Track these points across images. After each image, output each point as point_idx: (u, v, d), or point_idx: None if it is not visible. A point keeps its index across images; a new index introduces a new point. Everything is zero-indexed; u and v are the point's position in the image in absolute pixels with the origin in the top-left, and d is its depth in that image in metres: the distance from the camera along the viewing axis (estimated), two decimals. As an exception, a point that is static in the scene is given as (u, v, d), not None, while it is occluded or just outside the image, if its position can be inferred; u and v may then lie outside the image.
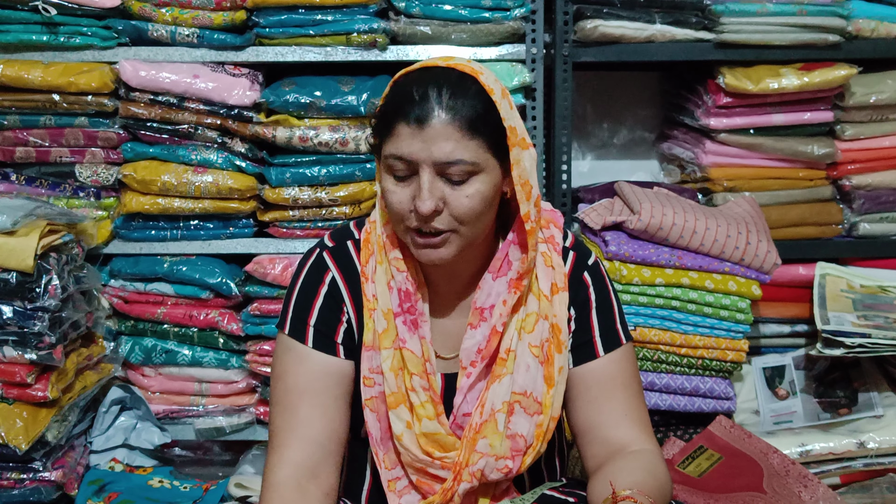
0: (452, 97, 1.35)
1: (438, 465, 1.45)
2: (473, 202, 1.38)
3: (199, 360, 2.52)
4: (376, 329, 1.48)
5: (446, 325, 1.54)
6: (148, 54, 2.46)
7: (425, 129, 1.35)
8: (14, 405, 2.16)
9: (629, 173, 2.95)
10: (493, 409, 1.45)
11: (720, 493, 2.08)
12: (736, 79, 2.51)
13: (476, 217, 1.39)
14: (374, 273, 1.50)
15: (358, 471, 1.58)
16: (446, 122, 1.35)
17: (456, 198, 1.37)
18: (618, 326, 1.56)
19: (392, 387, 1.46)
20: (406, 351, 1.46)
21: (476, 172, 1.37)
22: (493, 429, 1.44)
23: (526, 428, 1.47)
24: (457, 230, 1.39)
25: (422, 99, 1.36)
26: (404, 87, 1.40)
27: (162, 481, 2.32)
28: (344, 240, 1.56)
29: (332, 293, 1.52)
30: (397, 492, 1.49)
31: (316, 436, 1.45)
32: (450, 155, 1.35)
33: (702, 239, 2.31)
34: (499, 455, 1.44)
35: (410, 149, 1.36)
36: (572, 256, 1.56)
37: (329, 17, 2.43)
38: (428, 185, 1.36)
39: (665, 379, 2.35)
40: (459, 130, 1.35)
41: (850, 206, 2.65)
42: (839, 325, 2.37)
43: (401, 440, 1.45)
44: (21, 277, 2.13)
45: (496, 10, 2.43)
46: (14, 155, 2.48)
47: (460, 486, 1.44)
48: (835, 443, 2.34)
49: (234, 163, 2.47)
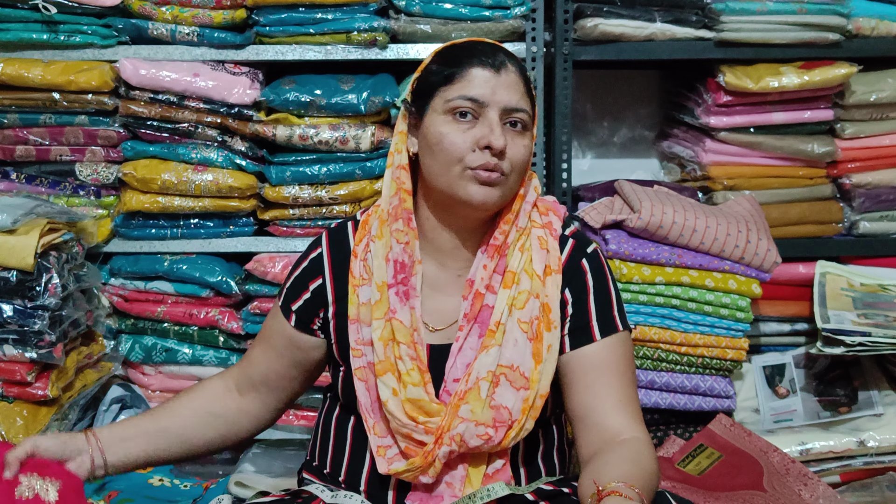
0: (514, 61, 1.53)
1: (422, 429, 1.50)
2: (527, 152, 1.53)
3: (200, 358, 2.52)
4: (364, 301, 1.57)
5: (442, 301, 1.59)
6: (148, 53, 2.46)
7: (501, 75, 1.50)
8: (14, 404, 2.16)
9: (629, 172, 2.95)
10: (478, 377, 1.50)
11: (720, 491, 2.08)
12: (736, 77, 2.51)
13: (523, 168, 1.54)
14: (367, 251, 1.59)
15: (358, 456, 1.60)
16: (517, 74, 1.52)
17: (514, 144, 1.51)
18: (615, 313, 1.59)
19: (380, 356, 1.53)
20: (395, 321, 1.53)
21: (528, 127, 1.54)
22: (476, 396, 1.49)
23: (511, 401, 1.50)
24: (508, 175, 1.51)
25: (494, 51, 1.53)
26: (463, 46, 1.56)
27: (162, 480, 2.32)
28: (346, 221, 1.68)
29: (308, 268, 1.65)
30: (387, 458, 1.55)
31: (252, 372, 1.70)
32: (518, 102, 1.51)
33: (702, 237, 2.31)
34: (479, 422, 1.49)
35: (484, 90, 1.49)
36: (571, 244, 1.62)
37: (329, 15, 2.43)
38: (496, 126, 1.49)
39: (665, 377, 2.35)
40: (525, 85, 1.53)
41: (850, 205, 2.65)
42: (839, 323, 2.37)
43: (387, 406, 1.51)
44: (21, 276, 2.13)
45: (496, 9, 2.43)
46: (14, 153, 2.48)
47: (440, 450, 1.48)
48: (835, 441, 2.34)
49: (235, 161, 2.47)
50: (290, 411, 2.53)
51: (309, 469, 1.68)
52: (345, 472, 1.61)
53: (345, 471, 1.61)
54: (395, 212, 1.55)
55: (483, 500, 1.47)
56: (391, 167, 1.59)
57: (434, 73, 1.54)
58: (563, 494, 1.49)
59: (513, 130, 1.51)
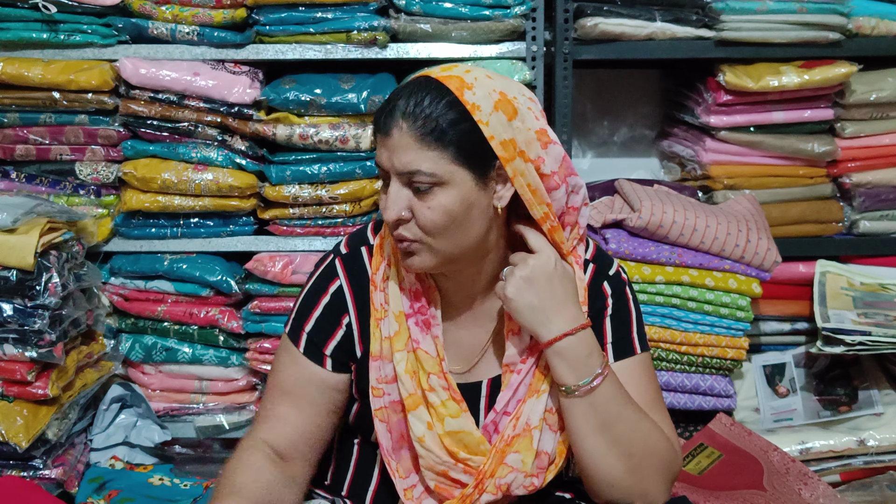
0: (417, 106, 1.34)
1: (461, 468, 1.42)
2: (435, 215, 1.36)
3: (200, 357, 2.52)
4: (385, 336, 1.47)
5: (459, 336, 1.51)
6: (148, 52, 2.45)
7: (388, 138, 1.36)
8: (14, 403, 2.16)
9: (629, 171, 2.95)
10: (528, 424, 1.42)
11: (720, 490, 2.08)
12: (736, 76, 2.51)
13: (442, 229, 1.37)
14: (385, 280, 1.49)
15: (365, 472, 1.57)
16: (405, 131, 1.34)
17: (419, 208, 1.37)
18: (633, 336, 1.52)
19: (409, 389, 1.43)
20: (420, 351, 1.44)
21: (439, 184, 1.35)
22: (528, 445, 1.41)
23: (551, 445, 1.44)
24: (423, 241, 1.38)
25: (391, 109, 1.37)
26: (389, 98, 1.40)
27: (162, 479, 2.32)
28: (358, 246, 1.55)
29: (334, 303, 1.51)
30: (415, 499, 1.47)
31: (290, 433, 1.50)
32: (408, 165, 1.34)
33: (702, 237, 2.31)
34: (528, 473, 1.42)
35: (380, 158, 1.38)
36: (592, 268, 1.53)
37: (329, 14, 2.43)
38: (394, 193, 1.37)
39: (665, 377, 2.36)
40: (417, 141, 1.34)
41: (850, 204, 2.65)
42: (839, 322, 2.37)
43: (423, 442, 1.42)
44: (21, 275, 2.13)
45: (496, 8, 2.43)
46: (14, 153, 2.48)
47: (482, 497, 1.41)
48: (835, 440, 2.34)
49: (235, 160, 2.47)
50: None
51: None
52: (347, 488, 1.58)
53: (348, 486, 1.58)
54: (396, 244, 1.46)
55: None
56: None
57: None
58: (564, 501, 1.49)
59: (419, 193, 1.36)
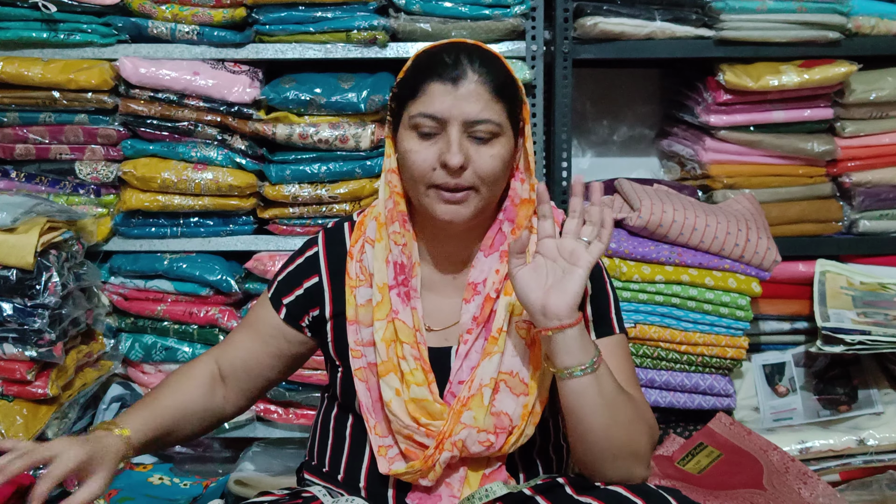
0: (482, 64, 1.47)
1: (423, 432, 1.50)
2: (495, 162, 1.47)
3: (199, 357, 2.52)
4: (361, 303, 1.57)
5: (439, 302, 1.59)
6: (148, 51, 2.45)
7: (459, 87, 1.45)
8: (14, 402, 2.16)
9: (629, 170, 2.95)
10: (480, 384, 1.50)
11: (720, 489, 2.08)
12: (736, 76, 2.51)
13: (495, 178, 1.49)
14: (363, 252, 1.59)
15: (357, 454, 1.61)
16: (478, 83, 1.46)
17: (480, 156, 1.46)
18: (612, 315, 1.60)
19: (383, 356, 1.53)
20: (398, 321, 1.53)
21: (498, 135, 1.47)
22: (479, 402, 1.49)
23: (511, 407, 1.51)
24: (478, 188, 1.48)
25: (455, 62, 1.47)
26: (434, 54, 1.50)
27: (162, 478, 2.32)
28: (342, 222, 1.68)
29: (304, 265, 1.66)
30: (387, 458, 1.55)
31: (234, 357, 1.69)
32: (479, 114, 1.45)
33: (702, 236, 2.31)
34: (481, 428, 1.49)
35: (442, 106, 1.45)
36: None
37: (329, 14, 2.43)
38: (456, 140, 1.44)
39: (665, 376, 2.36)
40: (489, 93, 1.46)
41: (849, 204, 2.65)
42: (839, 322, 2.37)
43: (390, 406, 1.51)
44: (21, 274, 2.13)
45: (496, 7, 2.43)
46: (14, 152, 2.48)
47: (442, 455, 1.49)
48: (834, 440, 2.34)
49: (234, 160, 2.47)
50: (290, 409, 2.53)
51: (309, 469, 1.69)
52: (343, 470, 1.62)
53: (343, 468, 1.62)
54: (391, 214, 1.56)
55: (482, 500, 1.48)
56: (385, 171, 1.59)
57: (403, 84, 1.53)
58: (558, 486, 1.50)
59: (479, 141, 1.47)
